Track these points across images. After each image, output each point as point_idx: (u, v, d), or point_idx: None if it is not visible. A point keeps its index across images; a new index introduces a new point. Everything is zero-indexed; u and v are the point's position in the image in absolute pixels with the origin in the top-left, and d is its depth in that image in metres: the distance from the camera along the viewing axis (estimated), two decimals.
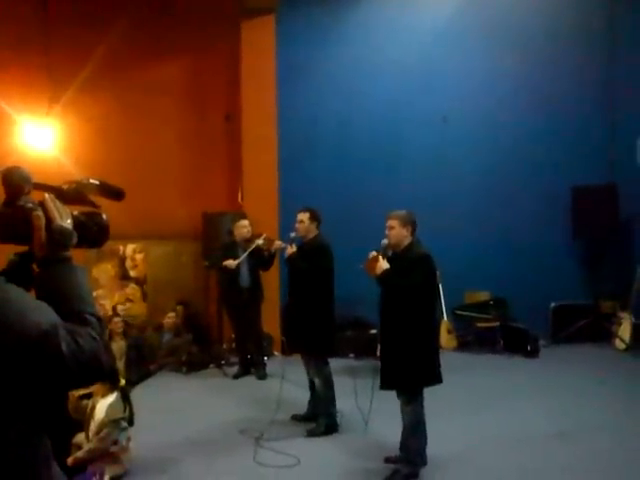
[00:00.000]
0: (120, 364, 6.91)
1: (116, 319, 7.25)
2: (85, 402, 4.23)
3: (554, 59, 8.93)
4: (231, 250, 6.89)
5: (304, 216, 5.28)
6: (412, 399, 4.16)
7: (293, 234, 5.39)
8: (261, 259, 6.65)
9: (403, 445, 4.22)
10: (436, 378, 4.19)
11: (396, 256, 4.28)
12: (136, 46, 8.06)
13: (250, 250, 6.59)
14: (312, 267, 5.10)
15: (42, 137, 7.73)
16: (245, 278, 6.88)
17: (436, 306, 4.48)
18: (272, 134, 8.17)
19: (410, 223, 4.26)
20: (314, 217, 5.29)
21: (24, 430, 1.28)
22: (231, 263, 6.72)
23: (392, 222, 4.26)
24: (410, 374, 4.09)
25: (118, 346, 7.06)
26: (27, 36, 7.68)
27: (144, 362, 7.17)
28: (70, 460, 3.84)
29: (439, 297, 8.11)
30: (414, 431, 4.17)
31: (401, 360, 4.10)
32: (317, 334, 5.10)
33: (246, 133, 8.14)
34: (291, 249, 5.34)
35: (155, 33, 8.18)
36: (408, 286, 4.05)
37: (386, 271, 4.19)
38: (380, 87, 8.76)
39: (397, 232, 4.23)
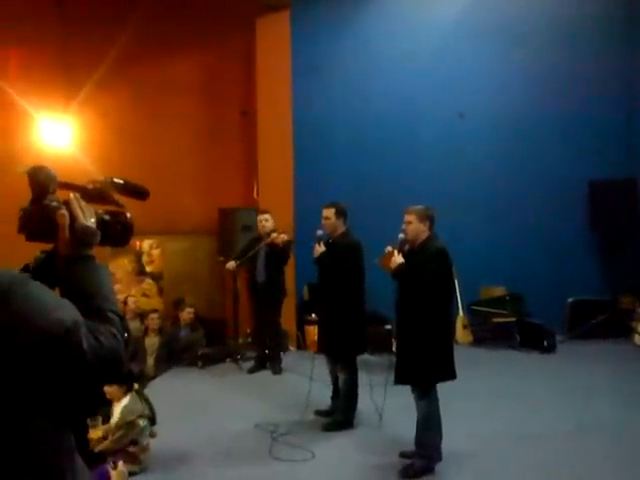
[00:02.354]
0: (151, 360, 7.00)
1: (153, 315, 7.30)
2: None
3: (572, 52, 8.84)
4: (254, 245, 6.88)
5: (329, 212, 5.12)
6: (425, 394, 4.16)
7: (320, 232, 5.23)
8: (275, 254, 6.62)
9: (417, 440, 4.23)
10: (450, 374, 4.18)
11: (413, 251, 4.28)
12: (152, 43, 8.09)
13: (255, 250, 6.60)
14: (344, 267, 4.97)
15: (59, 134, 7.80)
16: (261, 273, 6.89)
17: (452, 301, 4.46)
18: (287, 130, 8.17)
19: (428, 218, 4.26)
20: (340, 212, 5.14)
21: (47, 424, 1.30)
22: (231, 265, 6.78)
23: (410, 217, 4.26)
24: (424, 369, 4.10)
25: (151, 342, 7.13)
26: (44, 33, 7.73)
27: (173, 359, 7.24)
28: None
29: (455, 292, 8.08)
30: (427, 425, 4.17)
31: (416, 355, 4.11)
32: (349, 336, 5.03)
33: (262, 129, 8.15)
34: (319, 248, 5.17)
35: (171, 30, 8.20)
36: (423, 281, 4.05)
37: (400, 266, 4.20)
38: (396, 82, 8.72)
39: (415, 227, 4.24)
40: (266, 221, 6.81)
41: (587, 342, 8.13)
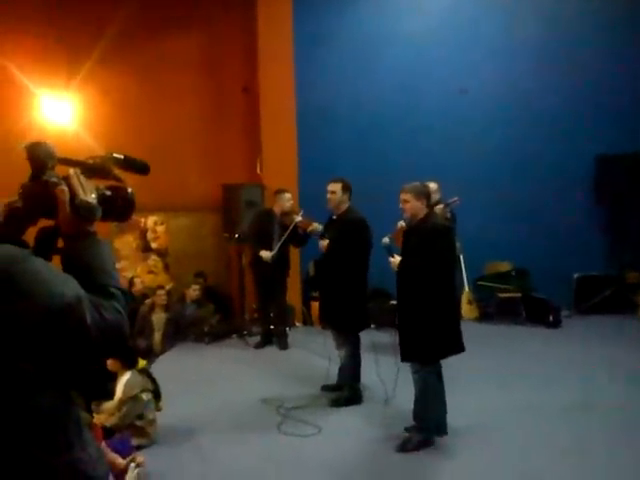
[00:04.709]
0: (158, 335, 7.04)
1: (160, 291, 7.34)
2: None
3: (578, 26, 8.71)
4: (267, 220, 6.80)
5: (336, 187, 5.09)
6: (421, 368, 4.17)
7: (320, 227, 5.45)
8: (296, 236, 6.46)
9: (415, 413, 4.25)
10: (456, 348, 4.18)
11: (413, 229, 4.26)
12: (153, 18, 8.01)
13: (288, 233, 6.40)
14: (349, 242, 4.93)
15: (61, 111, 7.77)
16: (273, 251, 6.82)
17: (455, 277, 4.43)
18: (290, 105, 8.09)
19: (424, 195, 4.23)
20: (346, 187, 5.12)
21: (54, 398, 1.32)
22: (267, 255, 6.63)
23: (406, 196, 4.22)
24: (429, 345, 4.09)
25: (158, 318, 7.16)
26: (44, 10, 7.64)
27: (180, 335, 7.28)
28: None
29: (460, 268, 8.08)
30: (425, 399, 4.19)
31: (419, 331, 4.11)
32: (352, 311, 5.04)
33: (264, 105, 8.07)
34: (323, 243, 5.19)
35: (172, 4, 8.11)
36: (423, 259, 4.04)
37: (401, 264, 4.22)
38: (399, 58, 8.61)
39: (412, 205, 4.20)
40: (287, 201, 6.72)
41: (592, 317, 8.15)
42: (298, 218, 6.27)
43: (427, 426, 4.23)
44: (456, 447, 4.21)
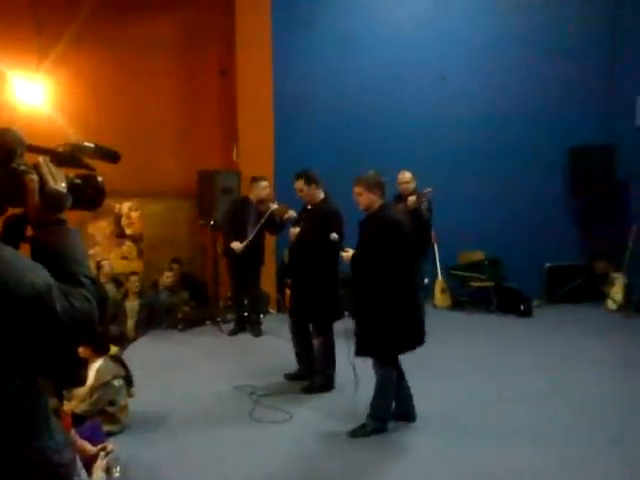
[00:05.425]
0: (131, 322, 7.00)
1: (133, 278, 7.26)
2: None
3: (555, 15, 8.79)
4: (242, 208, 6.79)
5: (299, 184, 5.09)
6: (381, 363, 4.19)
7: (295, 215, 5.52)
8: (272, 224, 6.48)
9: (372, 403, 4.29)
10: (412, 343, 4.17)
11: (365, 221, 4.25)
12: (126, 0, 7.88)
13: (264, 220, 6.40)
14: (322, 234, 4.86)
15: (33, 92, 7.60)
16: (248, 238, 6.80)
17: (413, 270, 4.29)
18: (268, 90, 8.04)
19: (377, 185, 4.18)
20: (310, 180, 5.08)
21: (22, 386, 1.32)
22: (238, 246, 6.61)
23: (359, 189, 4.20)
24: (383, 341, 4.10)
25: (132, 305, 7.13)
26: None
27: (153, 321, 7.24)
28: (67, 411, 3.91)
29: (433, 256, 8.16)
30: (383, 391, 4.23)
31: (374, 327, 4.11)
32: (325, 302, 5.04)
33: (241, 89, 8.01)
34: (294, 230, 5.19)
35: None
36: (377, 258, 4.03)
37: (353, 256, 4.21)
38: (379, 44, 8.61)
39: (366, 197, 4.18)
40: (264, 189, 6.73)
41: (562, 307, 8.32)
42: (274, 206, 6.27)
43: (382, 415, 4.27)
44: (424, 434, 4.28)
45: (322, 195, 5.16)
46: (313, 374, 5.30)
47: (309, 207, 5.22)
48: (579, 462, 3.84)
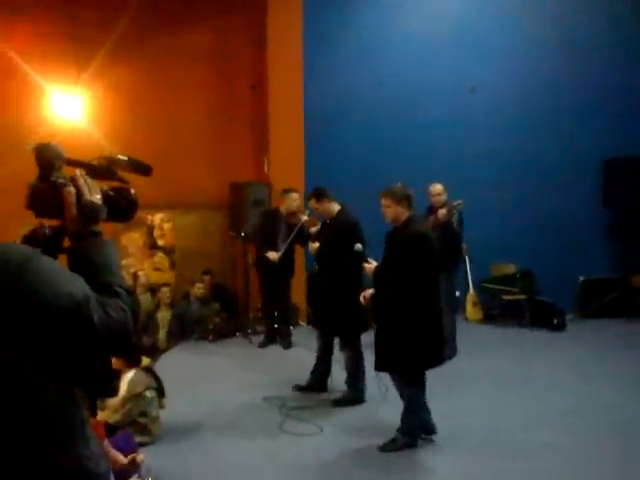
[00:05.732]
0: (162, 333, 7.07)
1: (165, 289, 7.37)
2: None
3: (590, 26, 8.70)
4: (273, 220, 6.86)
5: (312, 203, 5.28)
6: (408, 381, 4.15)
7: (314, 228, 5.58)
8: (301, 235, 6.49)
9: (403, 417, 4.24)
10: (433, 361, 4.11)
11: (392, 234, 4.22)
12: (161, 14, 8.04)
13: (295, 231, 6.42)
14: (341, 246, 4.90)
15: (71, 107, 7.80)
16: (279, 250, 6.82)
17: (438, 285, 4.19)
18: (298, 104, 8.10)
19: (405, 198, 4.15)
20: (320, 196, 5.17)
21: (58, 394, 1.34)
22: (274, 256, 6.63)
23: (386, 201, 4.17)
24: (403, 358, 4.05)
25: (163, 316, 7.20)
26: (52, 4, 7.69)
27: (184, 332, 7.30)
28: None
29: (465, 269, 8.07)
30: (411, 407, 4.18)
31: (394, 343, 4.07)
32: (350, 315, 4.98)
33: (272, 103, 8.08)
34: (313, 246, 5.29)
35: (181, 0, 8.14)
36: (400, 267, 3.99)
37: (376, 269, 4.18)
38: (409, 57, 8.60)
39: (393, 210, 4.15)
40: (294, 200, 6.78)
41: (597, 321, 8.13)
42: (305, 218, 6.29)
43: (411, 430, 4.23)
44: (456, 448, 4.22)
45: (337, 207, 5.20)
46: (323, 388, 5.36)
47: (327, 221, 5.29)
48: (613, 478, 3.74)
